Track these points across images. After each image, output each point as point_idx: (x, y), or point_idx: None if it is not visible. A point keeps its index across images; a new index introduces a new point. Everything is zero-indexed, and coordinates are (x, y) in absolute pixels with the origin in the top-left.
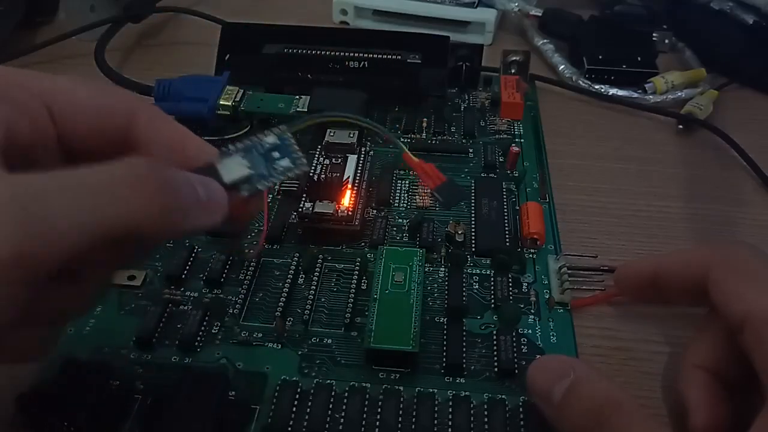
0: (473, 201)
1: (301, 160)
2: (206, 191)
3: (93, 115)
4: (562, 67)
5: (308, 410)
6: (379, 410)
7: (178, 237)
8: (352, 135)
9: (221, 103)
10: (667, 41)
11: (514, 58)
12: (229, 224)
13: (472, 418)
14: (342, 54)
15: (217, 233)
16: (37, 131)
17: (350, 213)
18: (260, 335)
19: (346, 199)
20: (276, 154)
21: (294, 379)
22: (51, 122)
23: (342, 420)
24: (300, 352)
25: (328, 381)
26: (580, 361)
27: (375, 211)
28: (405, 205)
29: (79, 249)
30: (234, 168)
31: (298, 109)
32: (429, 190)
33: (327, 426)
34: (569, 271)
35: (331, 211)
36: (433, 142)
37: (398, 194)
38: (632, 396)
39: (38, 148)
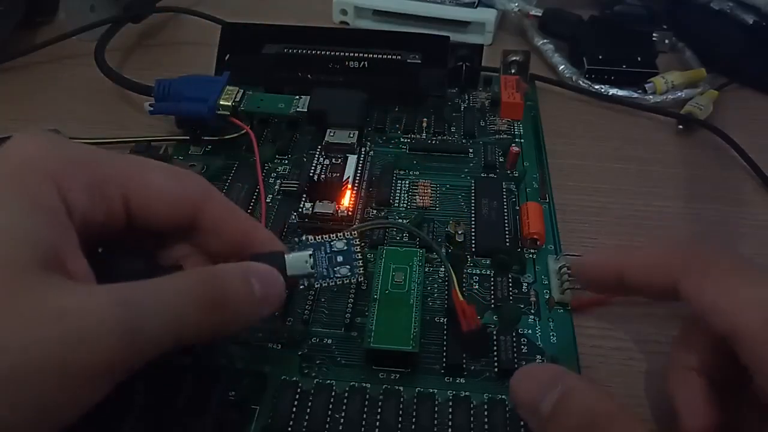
0: (473, 201)
1: (359, 270)
2: (262, 287)
3: (165, 202)
4: (562, 67)
5: (308, 410)
6: (379, 410)
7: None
8: (352, 135)
9: (221, 103)
10: (667, 41)
11: (514, 58)
12: None
13: (472, 418)
14: (342, 54)
15: None
16: (110, 219)
17: (350, 213)
18: (260, 335)
19: (346, 200)
20: (340, 259)
21: (294, 379)
22: (124, 210)
23: (342, 420)
24: (300, 352)
25: (328, 381)
26: (568, 371)
27: (375, 211)
28: (405, 205)
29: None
30: (299, 263)
31: (298, 109)
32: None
33: (327, 426)
34: (569, 272)
35: (331, 212)
36: (433, 142)
37: (398, 194)
38: (626, 407)
39: (108, 233)
